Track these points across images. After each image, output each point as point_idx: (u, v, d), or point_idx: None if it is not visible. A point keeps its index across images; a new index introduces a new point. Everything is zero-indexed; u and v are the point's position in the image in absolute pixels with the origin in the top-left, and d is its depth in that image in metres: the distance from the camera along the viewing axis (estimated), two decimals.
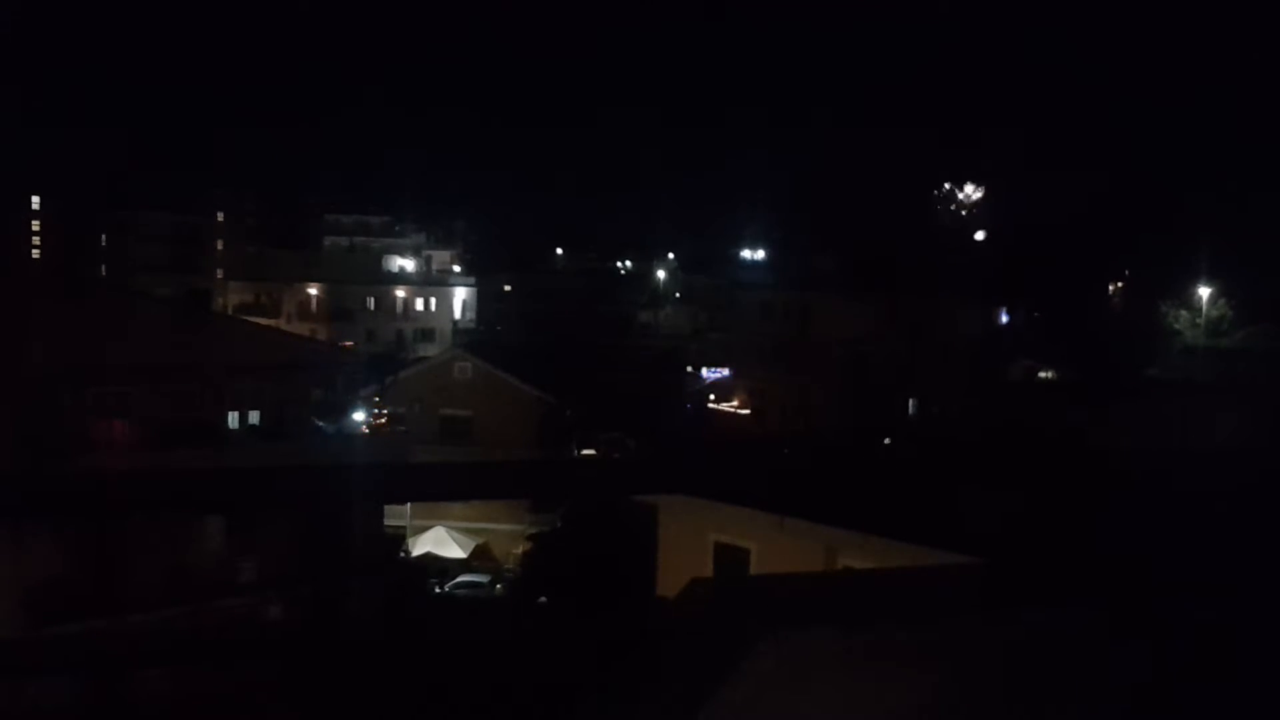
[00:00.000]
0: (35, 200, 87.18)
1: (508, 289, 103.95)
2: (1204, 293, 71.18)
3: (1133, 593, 3.07)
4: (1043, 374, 64.66)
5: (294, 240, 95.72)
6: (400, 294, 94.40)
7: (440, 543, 47.00)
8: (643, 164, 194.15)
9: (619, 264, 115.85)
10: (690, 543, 20.70)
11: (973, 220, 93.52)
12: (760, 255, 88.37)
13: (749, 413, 64.64)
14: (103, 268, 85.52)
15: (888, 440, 37.43)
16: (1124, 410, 34.59)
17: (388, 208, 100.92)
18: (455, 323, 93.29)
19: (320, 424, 34.80)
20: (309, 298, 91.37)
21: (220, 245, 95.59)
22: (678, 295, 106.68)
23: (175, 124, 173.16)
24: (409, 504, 37.19)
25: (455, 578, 44.35)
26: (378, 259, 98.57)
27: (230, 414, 32.51)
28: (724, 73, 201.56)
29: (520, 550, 42.46)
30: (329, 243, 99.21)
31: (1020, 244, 73.63)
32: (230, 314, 72.16)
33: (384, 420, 48.06)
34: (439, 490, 6.72)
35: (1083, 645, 2.88)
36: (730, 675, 2.56)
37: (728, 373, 72.54)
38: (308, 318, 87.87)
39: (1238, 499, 8.18)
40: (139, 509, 8.57)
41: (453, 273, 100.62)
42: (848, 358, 55.22)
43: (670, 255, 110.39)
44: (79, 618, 21.63)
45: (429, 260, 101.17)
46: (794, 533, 18.37)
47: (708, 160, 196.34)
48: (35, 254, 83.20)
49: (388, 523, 38.46)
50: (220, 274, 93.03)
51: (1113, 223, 73.18)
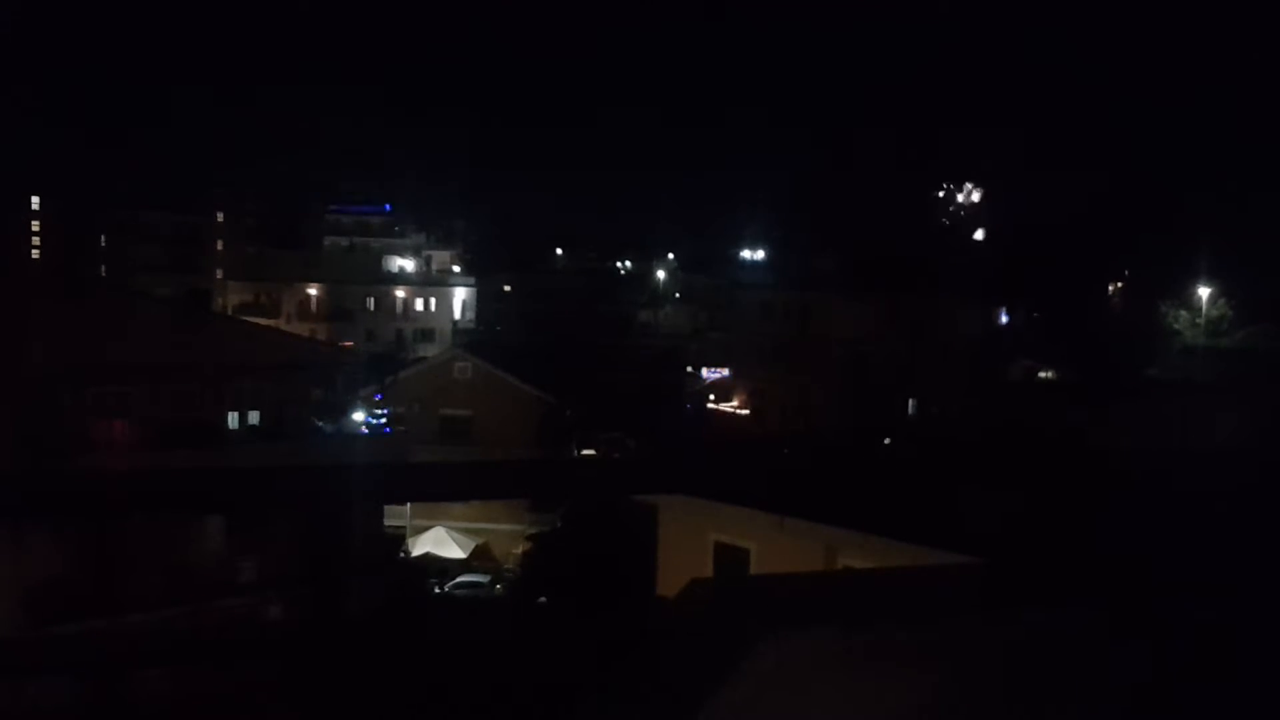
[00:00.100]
0: (35, 200, 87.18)
1: (508, 289, 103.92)
2: (1204, 293, 71.12)
3: (1133, 593, 3.08)
4: (1043, 374, 64.66)
5: (294, 240, 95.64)
6: (400, 294, 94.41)
7: (440, 543, 47.03)
8: (643, 164, 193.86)
9: (619, 264, 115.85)
10: (690, 543, 20.71)
11: (973, 220, 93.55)
12: (760, 255, 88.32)
13: (749, 413, 64.66)
14: (103, 268, 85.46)
15: (888, 440, 37.38)
16: (1124, 410, 34.56)
17: (388, 208, 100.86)
18: (455, 323, 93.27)
19: (320, 424, 34.85)
20: (309, 298, 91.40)
21: (220, 245, 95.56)
22: (677, 295, 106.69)
23: (175, 124, 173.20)
24: (409, 504, 37.21)
25: (455, 578, 44.37)
26: (377, 259, 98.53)
27: (230, 414, 32.58)
28: (724, 73, 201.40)
29: (520, 550, 42.46)
30: (329, 243, 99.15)
31: (1020, 244, 73.53)
32: (230, 314, 72.15)
33: (384, 421, 48.09)
34: (439, 490, 6.70)
35: (1083, 645, 2.88)
36: (730, 675, 2.56)
37: (727, 373, 72.57)
38: (307, 318, 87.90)
39: (1238, 499, 8.17)
40: (139, 509, 8.57)
41: (453, 273, 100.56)
42: (848, 358, 55.24)
43: (670, 255, 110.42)
44: (79, 617, 21.66)
45: (429, 260, 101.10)
46: (794, 533, 18.38)
47: (708, 160, 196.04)
48: (35, 254, 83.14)
49: (388, 523, 38.51)
50: (220, 274, 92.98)
51: (1112, 223, 73.06)
